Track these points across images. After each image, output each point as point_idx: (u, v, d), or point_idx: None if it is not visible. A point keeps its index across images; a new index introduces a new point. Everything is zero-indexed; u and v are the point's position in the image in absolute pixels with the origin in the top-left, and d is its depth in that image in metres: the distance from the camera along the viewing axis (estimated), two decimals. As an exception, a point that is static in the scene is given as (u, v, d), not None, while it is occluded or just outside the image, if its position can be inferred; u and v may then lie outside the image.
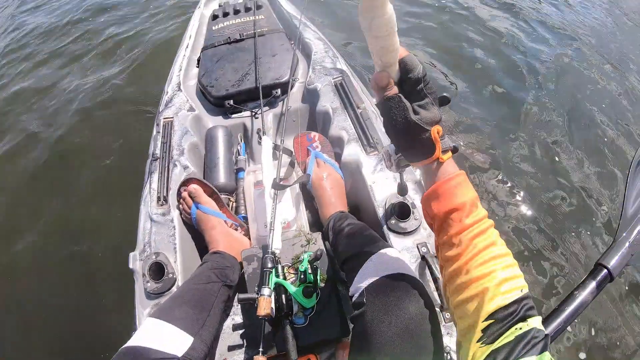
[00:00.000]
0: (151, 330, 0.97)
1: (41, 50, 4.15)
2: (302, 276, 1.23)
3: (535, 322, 0.57)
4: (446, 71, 3.32)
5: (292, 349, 1.12)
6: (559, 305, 0.75)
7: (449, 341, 1.13)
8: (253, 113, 1.88)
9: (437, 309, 0.98)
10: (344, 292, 1.33)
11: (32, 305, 2.17)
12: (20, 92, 3.65)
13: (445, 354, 0.96)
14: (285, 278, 1.24)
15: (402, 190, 1.03)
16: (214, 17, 2.43)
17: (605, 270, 0.76)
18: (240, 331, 1.34)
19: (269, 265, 1.20)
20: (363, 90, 1.91)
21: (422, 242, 1.30)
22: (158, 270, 1.35)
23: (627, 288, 2.07)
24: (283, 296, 1.18)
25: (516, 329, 0.56)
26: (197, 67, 2.22)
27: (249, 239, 1.56)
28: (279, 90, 1.91)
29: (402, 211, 1.37)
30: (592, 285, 0.75)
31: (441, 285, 0.77)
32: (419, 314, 0.80)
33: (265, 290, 1.12)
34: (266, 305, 1.10)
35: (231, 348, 1.31)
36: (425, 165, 0.70)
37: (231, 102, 1.87)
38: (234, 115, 1.91)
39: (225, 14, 2.41)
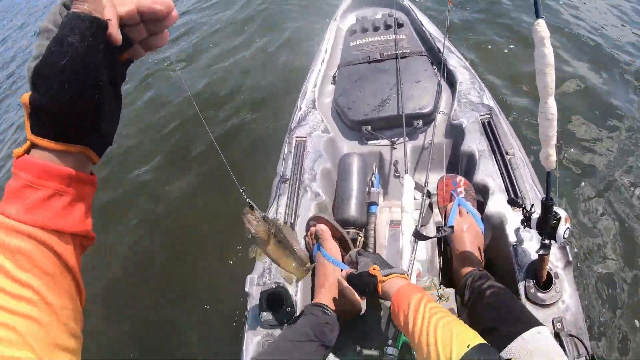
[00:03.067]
0: None
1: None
2: None
3: None
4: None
5: None
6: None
7: None
8: (392, 142, 1.75)
9: None
10: None
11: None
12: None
13: None
14: None
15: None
16: (352, 32, 2.34)
17: None
18: None
19: None
20: (511, 133, 1.69)
21: (559, 317, 1.13)
22: (276, 300, 1.27)
23: None
24: (407, 356, 1.11)
25: None
26: (333, 84, 2.15)
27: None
28: (420, 122, 1.76)
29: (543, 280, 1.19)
30: None
31: None
32: None
33: (392, 351, 1.09)
34: None
35: None
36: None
37: (369, 128, 1.76)
38: (370, 142, 1.80)
39: (364, 30, 2.31)
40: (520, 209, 1.30)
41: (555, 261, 1.23)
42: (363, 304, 1.34)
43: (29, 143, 0.39)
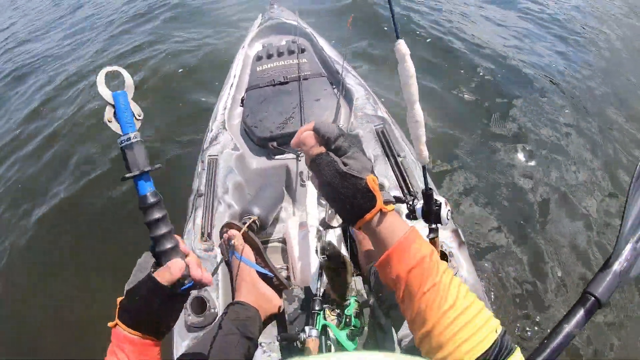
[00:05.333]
0: None
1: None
2: (347, 320, 1.24)
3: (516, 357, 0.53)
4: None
5: None
6: (546, 337, 0.69)
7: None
8: (297, 155, 1.92)
9: None
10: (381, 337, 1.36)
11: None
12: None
13: None
14: (325, 319, 1.25)
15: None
16: (258, 57, 2.52)
17: (593, 299, 0.71)
18: None
19: (317, 307, 1.23)
20: (403, 138, 1.94)
21: None
22: (200, 304, 1.36)
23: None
24: (323, 337, 1.20)
25: None
26: (242, 106, 2.30)
27: (286, 286, 1.53)
28: (322, 135, 1.94)
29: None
30: (580, 314, 0.70)
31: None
32: None
33: (313, 332, 1.15)
34: (314, 345, 1.12)
35: None
36: (369, 226, 0.62)
37: (275, 144, 1.92)
38: (277, 157, 1.96)
39: (269, 56, 2.50)
40: (404, 203, 1.51)
41: (449, 242, 1.41)
42: (283, 301, 1.45)
43: (116, 322, 0.68)
